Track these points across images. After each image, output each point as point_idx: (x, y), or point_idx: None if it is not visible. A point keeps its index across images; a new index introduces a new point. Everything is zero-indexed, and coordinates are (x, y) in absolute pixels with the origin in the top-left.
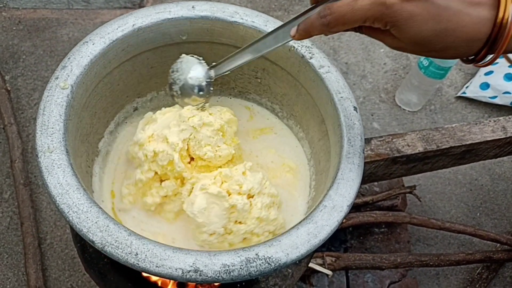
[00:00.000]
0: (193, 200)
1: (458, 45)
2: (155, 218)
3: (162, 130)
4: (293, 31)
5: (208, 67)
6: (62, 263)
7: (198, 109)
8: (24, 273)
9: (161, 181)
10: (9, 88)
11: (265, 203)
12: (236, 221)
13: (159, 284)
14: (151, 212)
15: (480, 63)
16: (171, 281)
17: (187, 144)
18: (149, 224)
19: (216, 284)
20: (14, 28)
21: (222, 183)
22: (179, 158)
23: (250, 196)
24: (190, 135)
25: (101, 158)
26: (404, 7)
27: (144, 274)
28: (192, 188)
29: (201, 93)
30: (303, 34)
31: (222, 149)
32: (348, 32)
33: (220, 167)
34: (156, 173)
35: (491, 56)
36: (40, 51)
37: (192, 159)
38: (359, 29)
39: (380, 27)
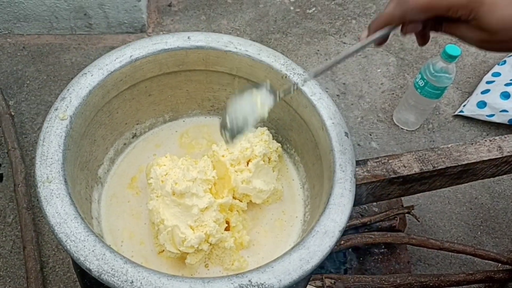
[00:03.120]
0: None
1: None
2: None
3: None
4: (363, 34)
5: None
6: (64, 286)
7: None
8: None
9: None
10: (13, 113)
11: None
12: None
13: None
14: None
15: None
16: None
17: None
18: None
19: None
20: (19, 54)
21: None
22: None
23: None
24: None
25: (100, 185)
26: None
27: None
28: None
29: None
30: (377, 26)
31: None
32: None
33: None
34: None
35: None
36: (43, 76)
37: None
38: (435, 26)
39: (461, 17)
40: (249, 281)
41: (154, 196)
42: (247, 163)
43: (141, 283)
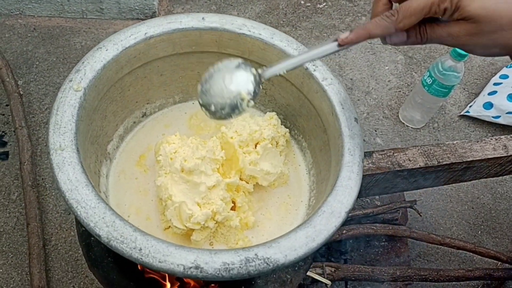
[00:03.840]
0: None
1: None
2: None
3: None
4: (343, 36)
5: (255, 70)
6: (65, 264)
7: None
8: (28, 273)
9: None
10: (21, 93)
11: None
12: None
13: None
14: None
15: None
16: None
17: None
18: None
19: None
20: (29, 35)
21: None
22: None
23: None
24: None
25: (108, 161)
26: None
27: (147, 275)
28: None
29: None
30: (360, 37)
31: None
32: (354, 49)
33: None
34: None
35: None
36: (53, 57)
37: None
38: (420, 33)
39: (446, 11)
40: (255, 254)
41: (162, 173)
42: (255, 146)
43: (149, 250)
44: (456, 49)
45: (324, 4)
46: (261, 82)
